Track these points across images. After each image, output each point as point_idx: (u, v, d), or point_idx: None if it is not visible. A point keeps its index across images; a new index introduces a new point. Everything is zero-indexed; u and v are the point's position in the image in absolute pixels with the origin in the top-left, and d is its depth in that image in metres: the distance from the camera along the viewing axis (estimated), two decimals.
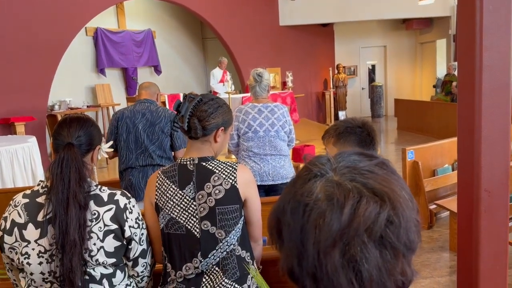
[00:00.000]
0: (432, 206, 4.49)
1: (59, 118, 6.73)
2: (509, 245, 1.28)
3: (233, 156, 3.88)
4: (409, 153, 4.56)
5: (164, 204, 1.61)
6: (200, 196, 1.59)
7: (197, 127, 1.61)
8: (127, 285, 1.58)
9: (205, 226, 1.58)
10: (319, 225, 0.58)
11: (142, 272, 1.61)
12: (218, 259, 1.60)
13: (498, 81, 1.14)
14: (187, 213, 1.59)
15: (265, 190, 3.04)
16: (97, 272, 1.48)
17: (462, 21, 1.19)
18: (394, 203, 0.59)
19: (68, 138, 1.49)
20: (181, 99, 1.66)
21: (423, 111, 9.39)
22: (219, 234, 1.59)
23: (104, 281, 1.49)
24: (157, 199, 1.63)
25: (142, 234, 1.58)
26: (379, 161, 0.64)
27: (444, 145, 4.94)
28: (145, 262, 1.61)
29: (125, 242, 1.51)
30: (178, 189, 1.60)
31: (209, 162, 1.63)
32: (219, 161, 1.67)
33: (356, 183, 0.60)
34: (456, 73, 9.77)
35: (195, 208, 1.59)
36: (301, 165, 0.71)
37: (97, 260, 1.45)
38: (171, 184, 1.62)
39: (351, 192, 0.59)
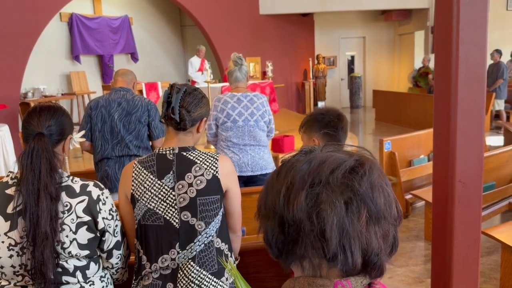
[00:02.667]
0: (408, 196, 4.58)
1: None
2: (482, 234, 1.31)
3: (212, 147, 3.84)
4: (386, 144, 4.62)
5: (141, 195, 1.58)
6: (180, 186, 1.56)
7: (186, 118, 1.59)
8: (101, 277, 1.56)
9: (185, 217, 1.56)
10: (293, 170, 0.68)
11: (116, 263, 1.59)
12: (195, 252, 1.58)
13: (473, 74, 1.16)
14: (165, 204, 1.56)
15: (244, 181, 3.02)
16: (70, 264, 1.45)
17: (440, 13, 1.19)
18: (363, 160, 0.67)
19: (38, 127, 1.45)
20: (168, 90, 1.62)
21: (401, 102, 9.53)
22: (199, 226, 1.57)
23: (78, 273, 1.46)
24: (133, 190, 1.59)
25: (116, 225, 1.55)
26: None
27: (421, 136, 5.03)
28: (120, 254, 1.58)
29: (98, 234, 1.49)
30: (156, 179, 1.57)
31: (190, 152, 1.61)
32: (200, 151, 1.64)
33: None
34: (430, 64, 9.99)
35: (173, 198, 1.56)
36: (280, 156, 0.79)
37: (69, 252, 1.42)
38: (148, 174, 1.58)
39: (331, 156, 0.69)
